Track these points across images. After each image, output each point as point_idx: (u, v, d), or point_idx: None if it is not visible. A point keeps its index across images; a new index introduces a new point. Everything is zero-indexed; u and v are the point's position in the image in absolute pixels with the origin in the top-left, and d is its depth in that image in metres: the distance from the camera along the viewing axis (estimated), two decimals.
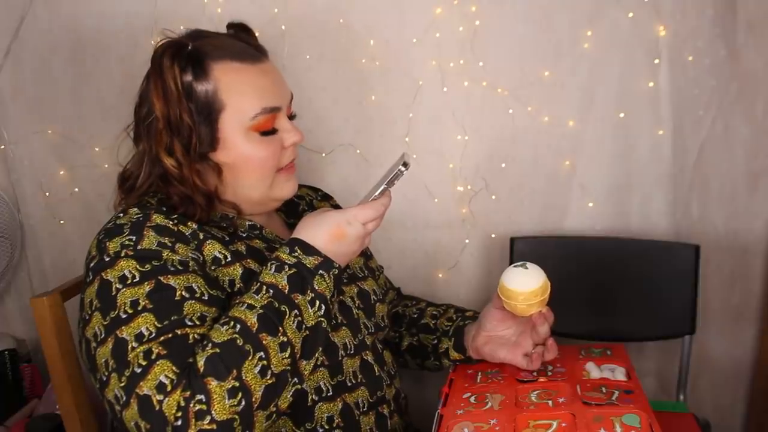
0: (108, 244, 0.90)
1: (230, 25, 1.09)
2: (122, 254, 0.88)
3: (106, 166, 1.69)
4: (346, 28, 1.57)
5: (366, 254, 1.28)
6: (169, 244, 0.90)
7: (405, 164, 0.94)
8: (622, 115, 1.56)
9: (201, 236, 0.95)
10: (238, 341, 0.81)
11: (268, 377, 0.82)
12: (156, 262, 0.88)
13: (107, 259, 0.88)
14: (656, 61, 1.52)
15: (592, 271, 1.57)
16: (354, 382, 1.05)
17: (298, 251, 0.92)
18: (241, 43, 1.03)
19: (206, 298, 0.88)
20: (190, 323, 0.84)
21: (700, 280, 1.49)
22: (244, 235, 1.04)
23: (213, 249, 0.95)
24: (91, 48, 1.63)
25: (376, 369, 1.09)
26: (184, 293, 0.86)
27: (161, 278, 0.86)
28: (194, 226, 0.96)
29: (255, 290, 0.88)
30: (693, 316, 1.49)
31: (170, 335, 0.82)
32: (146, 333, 0.81)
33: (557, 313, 1.10)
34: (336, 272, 0.93)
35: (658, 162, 1.58)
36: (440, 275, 1.68)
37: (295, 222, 1.18)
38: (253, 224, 1.07)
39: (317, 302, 0.90)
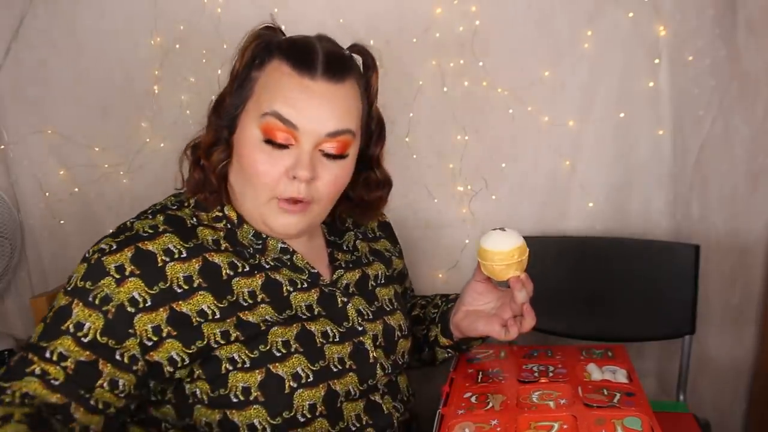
0: (101, 241, 0.91)
1: (352, 46, 1.02)
2: (92, 258, 0.89)
3: (106, 166, 1.69)
4: (346, 28, 1.57)
5: (402, 273, 1.25)
6: (126, 274, 0.87)
7: None
8: (622, 115, 1.56)
9: (196, 282, 0.91)
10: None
11: None
12: (89, 284, 0.87)
13: (86, 255, 0.90)
14: (656, 61, 1.52)
15: (592, 271, 1.57)
16: (359, 425, 0.99)
17: None
18: (320, 55, 0.93)
19: (87, 340, 0.85)
20: (47, 355, 0.84)
21: (700, 280, 1.49)
22: (268, 266, 0.98)
23: (203, 300, 0.90)
24: (91, 48, 1.62)
25: (385, 407, 1.03)
26: (71, 327, 0.86)
27: (75, 301, 0.87)
28: (211, 258, 0.93)
29: None
30: (693, 316, 1.49)
31: (24, 353, 0.85)
32: (27, 338, 0.86)
33: (557, 312, 1.10)
34: None
35: (658, 162, 1.58)
36: (440, 275, 1.68)
37: (335, 240, 1.11)
38: (285, 247, 1.00)
39: None
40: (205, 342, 0.89)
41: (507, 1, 1.52)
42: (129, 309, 0.86)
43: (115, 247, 0.88)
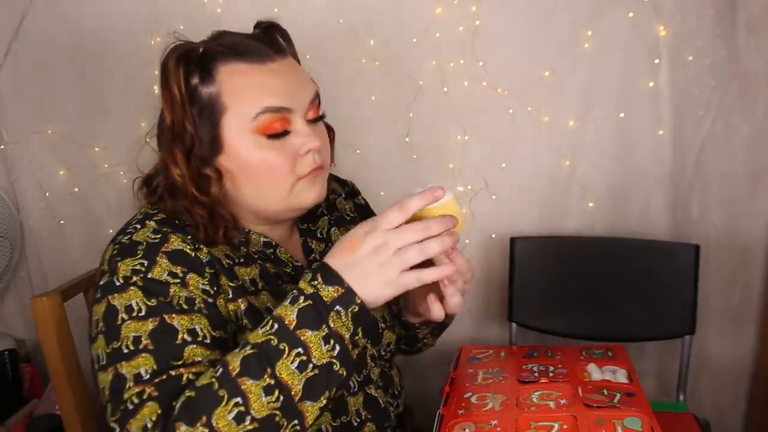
0: (119, 266, 0.87)
1: (257, 24, 1.01)
2: (132, 280, 0.85)
3: (106, 166, 1.69)
4: (346, 28, 1.57)
5: None
6: (180, 275, 0.87)
7: None
8: (622, 115, 1.56)
9: (215, 268, 0.91)
10: (214, 386, 0.78)
11: (247, 423, 0.77)
12: (162, 299, 0.84)
13: (117, 284, 0.86)
14: (656, 61, 1.52)
15: (592, 271, 1.57)
16: (359, 420, 1.00)
17: (319, 279, 0.80)
18: (256, 42, 0.95)
19: (208, 341, 0.85)
20: (188, 363, 0.83)
21: (700, 280, 1.49)
22: (257, 257, 0.98)
23: (225, 282, 0.91)
24: (91, 48, 1.63)
25: (381, 401, 1.04)
26: (186, 336, 0.83)
27: (166, 317, 0.83)
28: (211, 253, 0.92)
29: (262, 324, 0.83)
30: (693, 316, 1.49)
31: (164, 376, 0.81)
32: (144, 374, 0.81)
33: (557, 312, 1.09)
34: (356, 309, 0.79)
35: (658, 162, 1.58)
36: None
37: (308, 227, 1.09)
38: (268, 241, 1.00)
39: (331, 340, 0.79)
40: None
41: (507, 1, 1.52)
42: (209, 299, 0.88)
43: (146, 263, 0.86)
